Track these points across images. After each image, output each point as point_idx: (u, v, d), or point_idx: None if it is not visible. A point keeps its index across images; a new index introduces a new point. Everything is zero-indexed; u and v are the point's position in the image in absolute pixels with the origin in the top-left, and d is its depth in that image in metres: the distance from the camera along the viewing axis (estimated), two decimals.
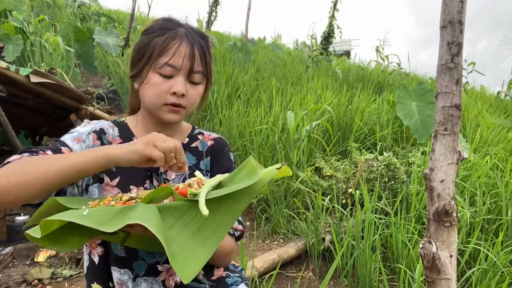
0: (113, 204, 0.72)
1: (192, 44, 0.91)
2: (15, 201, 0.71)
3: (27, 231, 0.65)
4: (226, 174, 0.80)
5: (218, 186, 0.76)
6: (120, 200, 0.74)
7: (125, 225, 0.60)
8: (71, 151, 0.88)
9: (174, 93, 0.90)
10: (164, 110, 0.93)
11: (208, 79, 0.98)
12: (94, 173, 0.77)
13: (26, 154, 0.80)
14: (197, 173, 0.83)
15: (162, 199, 0.72)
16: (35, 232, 0.64)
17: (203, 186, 0.74)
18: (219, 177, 0.77)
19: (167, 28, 0.92)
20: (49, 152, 0.83)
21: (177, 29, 0.92)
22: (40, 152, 0.81)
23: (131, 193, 0.80)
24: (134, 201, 0.73)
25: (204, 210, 0.61)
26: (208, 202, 0.65)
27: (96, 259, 0.92)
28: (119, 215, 0.63)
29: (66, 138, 0.91)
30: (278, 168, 0.75)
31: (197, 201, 0.64)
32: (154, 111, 0.94)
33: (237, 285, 1.04)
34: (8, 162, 0.75)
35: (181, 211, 0.67)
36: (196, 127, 1.12)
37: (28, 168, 0.72)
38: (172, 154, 0.76)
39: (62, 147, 0.86)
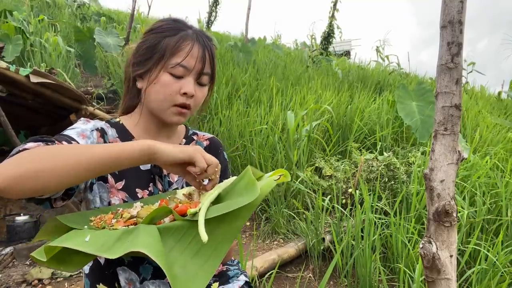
0: (114, 223, 0.73)
1: (204, 46, 0.92)
2: (36, 187, 0.64)
3: (32, 254, 0.67)
4: (224, 183, 0.80)
5: (217, 199, 0.76)
6: (121, 217, 0.74)
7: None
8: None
9: (185, 93, 0.90)
10: (172, 112, 0.92)
11: (213, 81, 1.00)
12: (131, 166, 0.73)
13: (41, 144, 0.74)
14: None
15: (162, 218, 0.71)
16: (40, 255, 0.66)
17: (202, 200, 0.74)
18: (218, 189, 0.77)
19: (178, 29, 0.93)
20: (64, 143, 0.78)
21: (187, 31, 0.93)
22: (56, 142, 0.77)
23: (134, 207, 0.80)
24: (134, 219, 0.73)
25: (204, 237, 0.60)
26: (208, 221, 0.64)
27: (102, 260, 0.91)
28: (120, 239, 0.63)
29: (70, 133, 0.86)
30: (276, 180, 0.75)
31: (197, 221, 0.64)
32: (160, 111, 0.93)
33: (238, 277, 1.07)
34: (25, 149, 0.69)
35: (181, 232, 0.66)
36: (189, 127, 1.12)
37: (63, 154, 0.67)
38: (217, 169, 0.78)
39: (72, 142, 0.82)
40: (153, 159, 0.74)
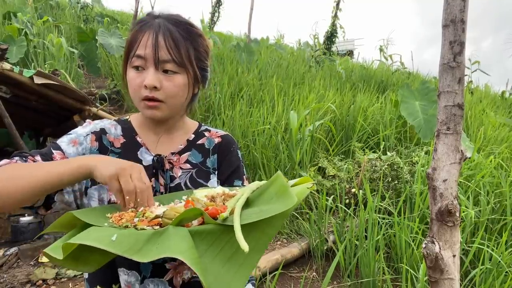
0: (137, 223, 0.68)
1: (157, 32, 0.87)
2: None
3: (45, 250, 0.63)
4: (251, 186, 0.76)
5: (245, 203, 0.72)
6: (143, 216, 0.70)
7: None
8: (64, 155, 0.87)
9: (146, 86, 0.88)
10: (142, 107, 0.91)
11: (188, 69, 0.91)
12: (72, 184, 0.79)
13: (17, 158, 0.81)
14: (220, 187, 0.81)
15: (191, 220, 0.69)
16: (55, 253, 0.62)
17: (229, 203, 0.71)
18: (246, 193, 0.73)
19: (142, 23, 0.91)
20: (38, 157, 0.83)
21: (150, 21, 0.90)
22: (29, 157, 0.82)
23: (155, 205, 0.76)
24: (159, 219, 0.69)
25: (245, 246, 0.57)
26: (240, 227, 0.61)
27: None
28: (150, 241, 0.61)
29: (62, 140, 0.90)
30: (309, 188, 0.72)
31: (229, 226, 0.62)
32: (137, 107, 0.93)
33: (245, 286, 1.04)
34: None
35: (213, 237, 0.64)
36: (203, 124, 1.11)
37: (7, 178, 0.73)
38: (127, 197, 0.74)
39: (54, 151, 0.87)
40: (93, 176, 0.76)
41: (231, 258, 0.62)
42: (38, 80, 2.94)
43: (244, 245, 0.57)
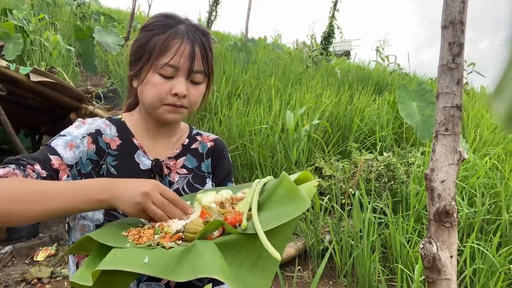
0: (159, 239, 0.69)
1: (193, 42, 0.88)
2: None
3: (72, 279, 0.63)
4: (256, 187, 0.77)
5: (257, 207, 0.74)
6: (162, 231, 0.71)
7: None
8: (62, 160, 0.83)
9: (176, 94, 0.88)
10: (165, 110, 0.90)
11: (210, 78, 0.95)
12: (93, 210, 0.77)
13: (13, 166, 0.75)
14: (227, 191, 0.81)
15: (212, 232, 0.70)
16: (84, 280, 0.62)
17: (240, 207, 0.74)
18: (256, 198, 0.74)
19: (168, 26, 0.89)
20: (37, 166, 0.78)
21: (177, 27, 0.89)
22: (28, 167, 0.77)
23: (172, 221, 0.74)
24: (180, 234, 0.70)
25: (277, 255, 0.60)
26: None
27: None
28: (182, 259, 0.62)
29: (58, 143, 0.85)
30: (315, 186, 0.75)
31: (250, 234, 0.65)
32: (154, 111, 0.91)
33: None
34: None
35: (236, 247, 0.67)
36: (193, 127, 1.11)
37: (12, 201, 0.69)
38: (163, 223, 0.73)
39: (52, 157, 0.82)
40: (116, 206, 0.74)
41: (256, 263, 0.66)
42: (34, 78, 2.92)
43: (275, 253, 0.60)
